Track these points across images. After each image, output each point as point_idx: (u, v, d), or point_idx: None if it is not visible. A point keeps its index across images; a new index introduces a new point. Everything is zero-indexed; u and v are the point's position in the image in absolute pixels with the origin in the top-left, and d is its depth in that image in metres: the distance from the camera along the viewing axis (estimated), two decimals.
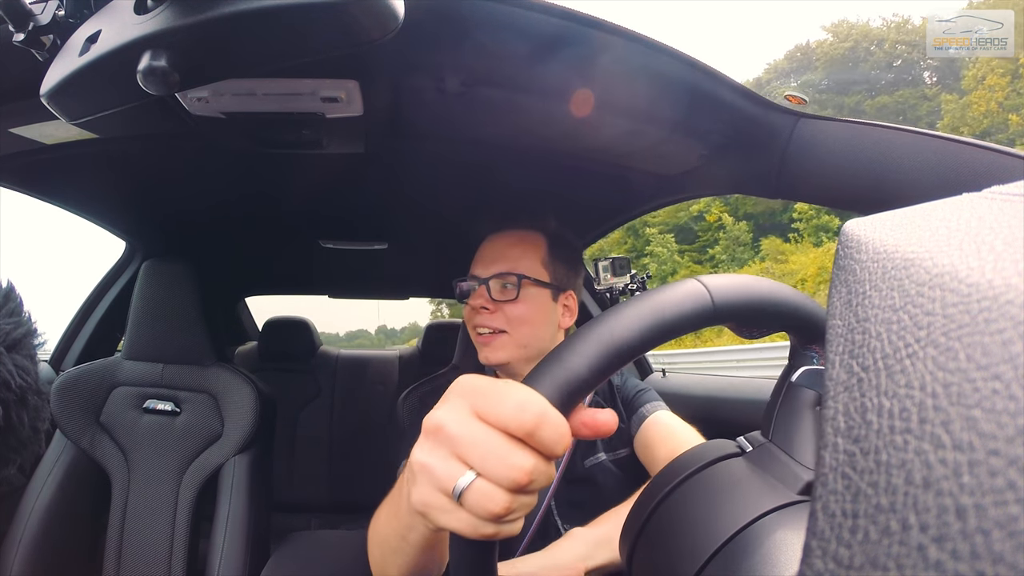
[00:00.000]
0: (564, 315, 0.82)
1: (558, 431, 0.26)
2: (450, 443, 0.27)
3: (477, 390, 0.28)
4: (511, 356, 0.77)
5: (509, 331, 0.77)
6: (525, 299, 0.77)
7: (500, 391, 0.27)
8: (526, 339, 0.77)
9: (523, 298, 0.77)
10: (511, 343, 0.77)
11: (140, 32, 0.32)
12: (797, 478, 0.30)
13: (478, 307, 0.78)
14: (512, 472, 0.26)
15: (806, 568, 0.14)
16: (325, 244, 1.44)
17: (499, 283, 0.78)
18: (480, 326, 0.78)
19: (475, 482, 0.26)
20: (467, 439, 0.27)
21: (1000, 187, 0.17)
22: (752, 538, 0.27)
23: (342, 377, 2.12)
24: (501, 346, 0.77)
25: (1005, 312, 0.12)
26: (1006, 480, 0.10)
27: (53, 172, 0.92)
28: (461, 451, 0.27)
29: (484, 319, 0.78)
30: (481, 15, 0.52)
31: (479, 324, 0.78)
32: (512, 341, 0.77)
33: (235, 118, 0.68)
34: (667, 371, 1.54)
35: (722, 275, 0.33)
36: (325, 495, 1.98)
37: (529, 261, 0.79)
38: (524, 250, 0.80)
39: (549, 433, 0.26)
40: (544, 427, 0.26)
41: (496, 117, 0.76)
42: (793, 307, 0.33)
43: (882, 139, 0.58)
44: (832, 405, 0.15)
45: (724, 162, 0.81)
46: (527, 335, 0.77)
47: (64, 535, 0.99)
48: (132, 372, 1.08)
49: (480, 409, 0.27)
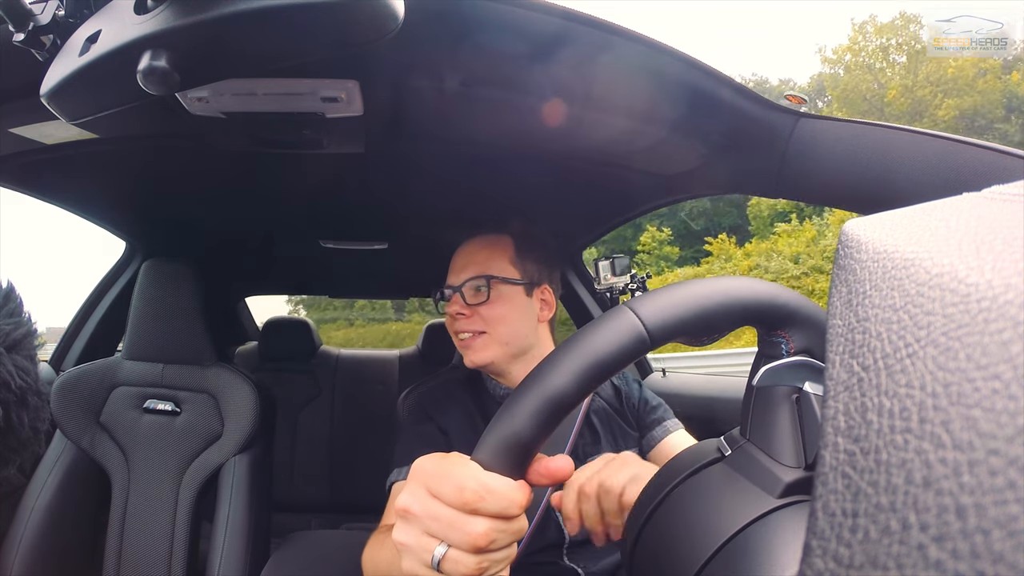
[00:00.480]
0: (542, 309, 0.85)
1: (503, 499, 0.30)
2: (418, 522, 0.32)
3: (428, 473, 0.32)
4: (494, 355, 0.80)
5: (488, 331, 0.80)
6: (497, 299, 0.80)
7: (444, 474, 0.31)
8: (506, 337, 0.80)
9: (495, 298, 0.80)
10: (492, 343, 0.80)
11: (140, 32, 0.32)
12: (776, 481, 0.29)
13: (454, 313, 0.82)
14: (470, 539, 0.30)
15: (806, 567, 0.14)
16: (325, 244, 1.44)
17: (471, 287, 0.81)
18: (460, 331, 0.81)
19: (448, 552, 0.30)
20: (428, 517, 0.31)
21: (1000, 187, 0.17)
22: (742, 544, 0.27)
23: (342, 377, 2.12)
24: (483, 347, 0.80)
25: (1005, 312, 0.12)
26: (1006, 479, 0.10)
27: (53, 172, 0.91)
28: (427, 528, 0.31)
29: (462, 324, 0.81)
30: (481, 15, 0.52)
31: (459, 329, 0.82)
32: (492, 340, 0.80)
33: (235, 118, 0.68)
34: (667, 371, 1.54)
35: (652, 294, 0.32)
36: (325, 495, 1.98)
37: (497, 262, 0.83)
38: (491, 252, 0.84)
39: (492, 504, 0.30)
40: (486, 500, 0.30)
41: (496, 117, 0.76)
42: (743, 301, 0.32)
43: (882, 139, 0.58)
44: (832, 404, 0.15)
45: (724, 162, 0.81)
46: (506, 333, 0.80)
47: (64, 535, 1.00)
48: (132, 372, 1.08)
49: (432, 490, 0.32)
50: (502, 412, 0.31)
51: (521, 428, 0.30)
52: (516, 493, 0.30)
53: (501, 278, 0.81)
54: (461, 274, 0.83)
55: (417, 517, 0.32)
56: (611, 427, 0.84)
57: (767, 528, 0.27)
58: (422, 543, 0.31)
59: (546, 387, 0.30)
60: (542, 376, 0.30)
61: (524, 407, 0.30)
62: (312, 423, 2.04)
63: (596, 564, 0.74)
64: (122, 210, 1.21)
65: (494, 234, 0.87)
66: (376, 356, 2.26)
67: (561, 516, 0.75)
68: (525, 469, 0.31)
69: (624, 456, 0.53)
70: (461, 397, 0.86)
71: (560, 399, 0.29)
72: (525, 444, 0.30)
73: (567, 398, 0.30)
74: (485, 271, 0.82)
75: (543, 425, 0.30)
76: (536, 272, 0.85)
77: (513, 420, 0.30)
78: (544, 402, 0.30)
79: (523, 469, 0.31)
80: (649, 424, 0.85)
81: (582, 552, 0.75)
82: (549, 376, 0.30)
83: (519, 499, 0.30)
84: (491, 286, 0.80)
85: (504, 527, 0.31)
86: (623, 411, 0.86)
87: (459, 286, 0.82)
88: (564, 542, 0.74)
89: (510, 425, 0.30)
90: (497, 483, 0.30)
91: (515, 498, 0.30)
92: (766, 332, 0.34)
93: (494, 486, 0.30)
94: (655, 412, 0.87)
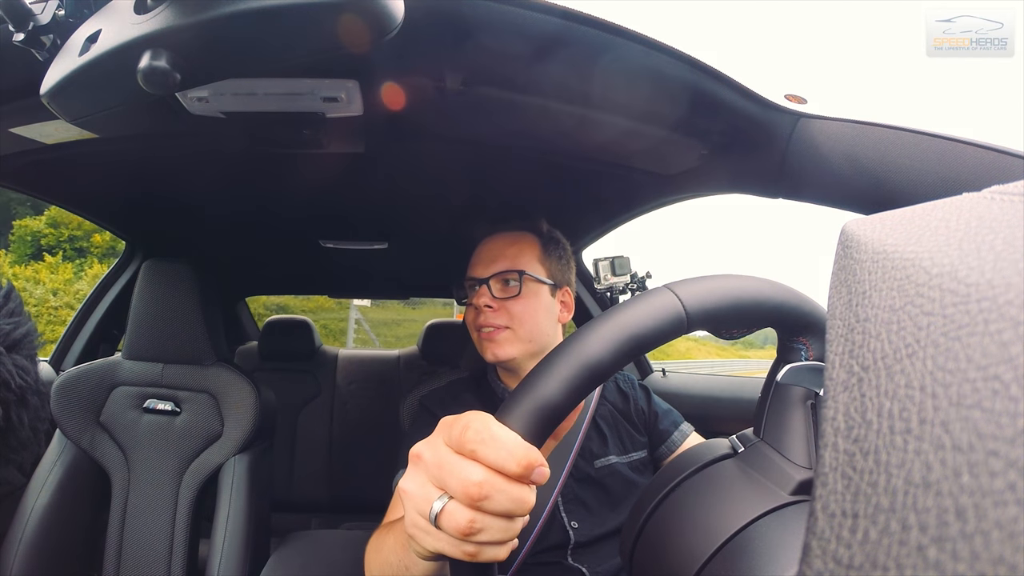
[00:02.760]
0: (562, 311, 0.85)
1: (502, 449, 0.29)
2: (424, 469, 0.31)
3: (446, 423, 0.32)
4: (516, 351, 0.78)
5: (513, 327, 0.78)
6: (527, 295, 0.79)
7: (459, 420, 0.31)
8: (530, 334, 0.79)
9: (525, 294, 0.79)
10: (515, 339, 0.78)
11: (140, 32, 0.32)
12: (789, 478, 0.30)
13: (482, 306, 0.79)
14: (463, 485, 0.29)
15: (806, 568, 0.14)
16: (325, 244, 1.44)
17: (500, 281, 0.80)
18: (484, 325, 0.79)
19: (446, 505, 0.30)
20: (434, 462, 0.31)
21: (1000, 187, 0.17)
22: (749, 540, 0.27)
23: (342, 377, 2.12)
24: (506, 341, 0.78)
25: (1004, 313, 0.12)
26: (1006, 481, 0.10)
27: (53, 172, 0.92)
28: (431, 474, 0.31)
29: (488, 317, 0.79)
30: (481, 15, 0.52)
31: (484, 323, 0.79)
32: (516, 337, 0.78)
33: (235, 118, 0.68)
34: (667, 371, 1.54)
35: (694, 279, 0.32)
36: (325, 495, 1.98)
37: (527, 258, 0.81)
38: (521, 248, 0.82)
39: (491, 451, 0.29)
40: (486, 444, 0.29)
41: (496, 117, 0.76)
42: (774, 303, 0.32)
43: (883, 138, 0.58)
44: (832, 405, 0.15)
45: (724, 162, 0.81)
46: (530, 330, 0.79)
47: (64, 535, 1.00)
48: (132, 372, 1.08)
49: (445, 437, 0.31)
50: (533, 373, 0.30)
51: (550, 392, 0.29)
52: (519, 448, 0.29)
53: (532, 275, 0.80)
54: (490, 267, 0.81)
55: (425, 463, 0.31)
56: (618, 430, 0.84)
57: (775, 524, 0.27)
58: (425, 492, 0.31)
59: (582, 354, 0.29)
60: (580, 342, 0.30)
61: (557, 371, 0.29)
62: (312, 423, 2.04)
63: (601, 565, 0.74)
64: (122, 210, 1.21)
65: (518, 231, 0.85)
66: (376, 356, 2.26)
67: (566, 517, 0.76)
68: (543, 437, 0.30)
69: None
70: (466, 398, 0.85)
71: (595, 367, 0.29)
72: (550, 408, 0.29)
73: (602, 367, 0.29)
74: (516, 266, 0.80)
75: (573, 392, 0.29)
76: (559, 273, 0.85)
77: (543, 382, 0.29)
78: (579, 368, 0.29)
79: (541, 435, 0.30)
80: (665, 430, 0.86)
81: (587, 553, 0.75)
82: (587, 343, 0.29)
83: (519, 455, 0.29)
84: (523, 281, 0.79)
85: (502, 486, 0.29)
86: (630, 415, 0.86)
87: (487, 279, 0.80)
88: (569, 543, 0.74)
89: (539, 386, 0.29)
90: (501, 432, 0.29)
91: (516, 452, 0.29)
92: (788, 337, 0.34)
93: (497, 433, 0.29)
94: (668, 417, 0.87)
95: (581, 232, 1.33)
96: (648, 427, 0.86)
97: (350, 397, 2.09)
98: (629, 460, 0.82)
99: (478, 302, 0.80)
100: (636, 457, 0.82)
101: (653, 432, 0.86)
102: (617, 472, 0.80)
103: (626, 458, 0.81)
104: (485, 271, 0.81)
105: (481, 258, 0.83)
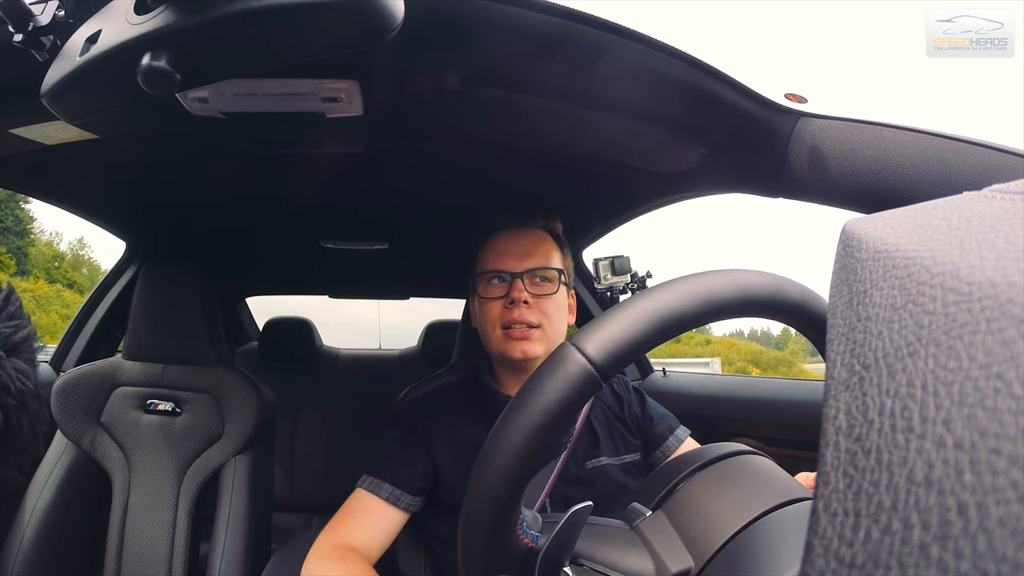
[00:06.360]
0: (569, 312, 0.85)
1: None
2: None
3: None
4: (543, 351, 0.77)
5: (544, 326, 0.76)
6: (560, 294, 0.79)
7: None
8: (556, 334, 0.78)
9: (560, 292, 0.78)
10: (544, 338, 0.76)
11: (140, 32, 0.32)
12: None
13: (519, 301, 0.75)
14: None
15: (808, 567, 0.14)
16: (326, 244, 1.44)
17: (533, 278, 0.78)
18: (519, 321, 0.75)
19: None
20: None
21: (1001, 185, 0.17)
22: (751, 537, 0.28)
23: (342, 377, 2.12)
24: (538, 340, 0.76)
25: (1006, 311, 0.12)
26: (1008, 479, 0.10)
27: (53, 172, 0.91)
28: None
29: (523, 313, 0.75)
30: (481, 15, 0.52)
31: (518, 319, 0.75)
32: (545, 336, 0.77)
33: (235, 118, 0.68)
34: (667, 371, 1.54)
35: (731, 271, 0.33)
36: (325, 495, 1.98)
37: (555, 257, 0.81)
38: (548, 247, 0.81)
39: None
40: None
41: (496, 117, 0.76)
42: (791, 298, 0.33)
43: (883, 137, 0.58)
44: (833, 404, 0.15)
45: (725, 161, 0.81)
46: (557, 330, 0.78)
47: (65, 535, 0.99)
48: (133, 372, 1.08)
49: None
50: (617, 309, 0.30)
51: (634, 332, 0.29)
52: None
53: (566, 274, 0.79)
54: (524, 261, 0.77)
55: None
56: (611, 431, 0.83)
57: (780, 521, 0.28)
58: None
59: (665, 304, 0.30)
60: (666, 294, 0.30)
61: (645, 314, 0.29)
62: (313, 423, 2.03)
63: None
64: (122, 211, 1.21)
65: (539, 229, 0.83)
66: (376, 355, 2.26)
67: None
68: (611, 373, 0.29)
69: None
70: (451, 409, 0.83)
71: (678, 319, 0.30)
72: (630, 346, 0.29)
73: (685, 319, 0.30)
74: (550, 263, 0.78)
75: (654, 335, 0.29)
76: (569, 274, 0.85)
77: (630, 321, 0.29)
78: (662, 319, 0.29)
79: (610, 372, 0.29)
80: (661, 434, 0.84)
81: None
82: (673, 297, 0.30)
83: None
84: (560, 280, 0.78)
85: None
86: (624, 418, 0.85)
87: (521, 273, 0.76)
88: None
89: (626, 325, 0.29)
90: None
91: None
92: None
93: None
94: (663, 422, 0.86)
95: (581, 232, 1.33)
96: (642, 431, 0.85)
97: (350, 397, 2.09)
98: (622, 462, 0.81)
99: (518, 296, 0.75)
100: (629, 459, 0.81)
101: (647, 436, 0.85)
102: (608, 473, 0.78)
103: (618, 460, 0.80)
104: (519, 265, 0.77)
105: (509, 251, 0.79)
